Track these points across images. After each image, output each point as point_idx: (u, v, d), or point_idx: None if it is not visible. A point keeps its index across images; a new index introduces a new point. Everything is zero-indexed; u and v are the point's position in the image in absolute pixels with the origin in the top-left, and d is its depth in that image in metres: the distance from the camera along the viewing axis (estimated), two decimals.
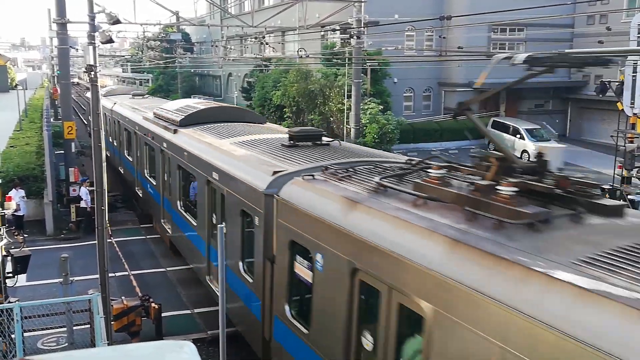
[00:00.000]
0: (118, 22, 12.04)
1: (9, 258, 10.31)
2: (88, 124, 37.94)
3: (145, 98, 29.70)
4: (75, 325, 10.06)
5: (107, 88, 36.33)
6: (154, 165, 17.92)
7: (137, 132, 20.41)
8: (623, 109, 20.39)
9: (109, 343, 9.34)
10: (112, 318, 10.97)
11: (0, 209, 10.43)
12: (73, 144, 22.06)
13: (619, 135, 20.44)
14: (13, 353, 8.84)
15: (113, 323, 11.01)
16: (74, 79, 52.54)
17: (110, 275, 11.81)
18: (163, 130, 16.40)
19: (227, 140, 12.66)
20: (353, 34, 18.61)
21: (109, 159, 23.82)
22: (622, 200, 18.78)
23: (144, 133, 18.92)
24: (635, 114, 20.01)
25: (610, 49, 16.25)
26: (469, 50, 23.42)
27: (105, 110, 24.99)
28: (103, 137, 11.03)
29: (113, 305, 11.14)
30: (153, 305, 11.65)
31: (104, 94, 28.26)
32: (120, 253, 16.52)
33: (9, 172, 20.37)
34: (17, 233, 17.03)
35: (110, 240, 13.88)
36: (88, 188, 19.41)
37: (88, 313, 9.44)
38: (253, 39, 35.77)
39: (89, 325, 9.54)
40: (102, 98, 11.53)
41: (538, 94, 41.99)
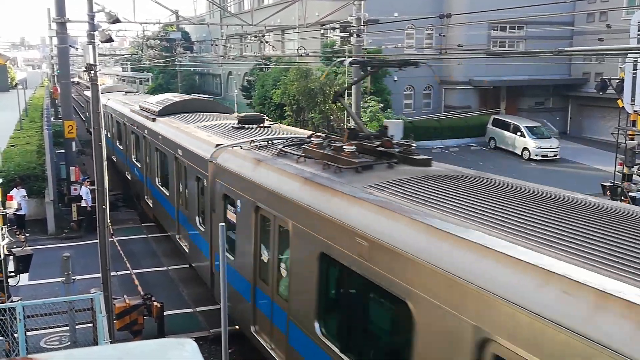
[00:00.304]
0: (118, 21, 12.02)
1: (11, 257, 10.32)
2: (85, 120, 38.31)
3: (136, 95, 32.22)
4: (78, 324, 10.07)
5: (102, 86, 36.65)
6: (139, 151, 20.23)
7: (126, 123, 22.69)
8: (623, 106, 20.40)
9: (112, 342, 9.37)
10: (114, 317, 11.01)
11: (2, 208, 10.45)
12: (74, 143, 22.08)
13: (620, 133, 20.45)
14: (16, 352, 8.87)
15: (115, 322, 11.05)
16: (74, 78, 52.39)
17: (112, 274, 11.85)
18: (145, 120, 18.91)
19: (192, 125, 15.20)
20: (353, 33, 18.58)
21: None
22: (623, 197, 18.77)
23: (131, 123, 21.33)
24: (636, 111, 20.02)
25: (610, 47, 16.26)
26: (469, 48, 23.43)
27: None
28: (103, 135, 11.13)
29: (115, 304, 11.17)
30: (155, 304, 11.68)
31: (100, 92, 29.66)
32: (122, 252, 16.54)
33: (10, 171, 20.35)
34: (18, 232, 17.07)
35: (112, 239, 13.89)
36: (89, 187, 19.44)
37: (90, 312, 9.49)
38: (253, 38, 35.78)
39: (92, 324, 9.59)
40: None
41: (538, 92, 41.90)
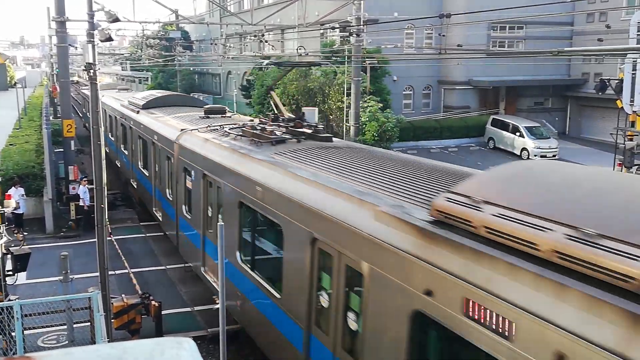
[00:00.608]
0: (117, 20, 12.02)
1: (9, 256, 10.31)
2: (83, 117, 38.40)
3: (129, 92, 34.61)
4: (76, 323, 10.03)
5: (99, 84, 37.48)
6: (126, 141, 22.60)
7: (116, 116, 24.88)
8: (622, 107, 20.40)
9: (109, 341, 9.36)
10: (112, 316, 11.00)
11: (0, 207, 10.44)
12: (72, 142, 22.05)
13: (619, 133, 20.45)
14: (13, 351, 8.85)
15: (113, 321, 11.04)
16: (73, 77, 52.36)
17: (110, 273, 11.85)
18: (131, 112, 21.48)
19: (168, 116, 17.81)
20: (352, 32, 18.59)
21: None
22: None
23: (120, 116, 23.76)
24: (635, 112, 20.02)
25: (610, 47, 16.26)
26: (469, 48, 23.42)
27: None
28: (102, 134, 11.16)
29: (113, 303, 11.16)
30: (153, 303, 11.67)
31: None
32: (120, 251, 16.53)
33: (9, 170, 20.29)
34: (16, 231, 17.05)
35: (110, 238, 13.88)
36: (87, 186, 19.39)
37: (88, 311, 9.46)
38: (252, 37, 35.75)
39: (89, 323, 9.56)
40: None
41: (537, 92, 41.85)
